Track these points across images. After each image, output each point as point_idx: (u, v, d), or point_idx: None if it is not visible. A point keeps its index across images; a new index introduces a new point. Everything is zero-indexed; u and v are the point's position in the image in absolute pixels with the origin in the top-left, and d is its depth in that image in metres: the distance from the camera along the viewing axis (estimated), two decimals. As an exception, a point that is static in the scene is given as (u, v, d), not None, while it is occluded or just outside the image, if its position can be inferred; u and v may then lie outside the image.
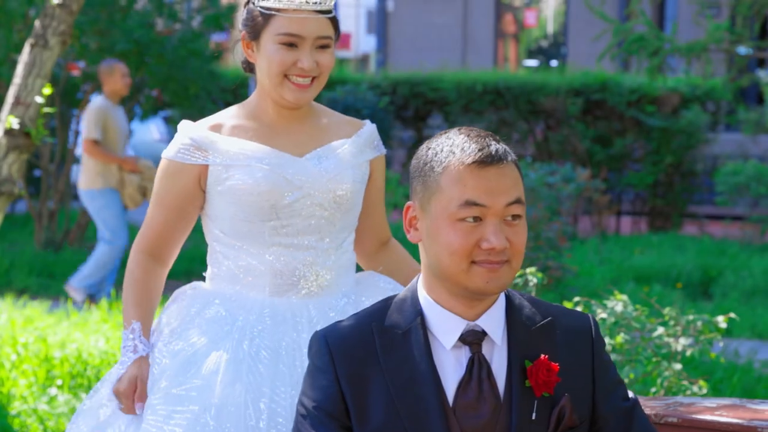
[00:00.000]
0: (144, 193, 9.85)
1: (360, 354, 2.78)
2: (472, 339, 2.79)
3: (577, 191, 12.95)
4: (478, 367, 2.77)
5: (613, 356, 5.22)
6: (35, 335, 7.68)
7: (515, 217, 2.76)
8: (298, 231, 3.40)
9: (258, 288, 3.41)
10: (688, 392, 5.30)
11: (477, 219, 2.73)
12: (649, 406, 3.46)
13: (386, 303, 2.87)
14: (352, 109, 14.64)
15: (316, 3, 3.40)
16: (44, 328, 7.99)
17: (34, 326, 8.11)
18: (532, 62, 26.54)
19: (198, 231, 3.56)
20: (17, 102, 7.33)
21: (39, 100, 7.28)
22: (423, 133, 16.09)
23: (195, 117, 12.86)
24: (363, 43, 36.07)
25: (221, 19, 13.10)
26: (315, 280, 3.43)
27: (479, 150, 2.75)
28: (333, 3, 3.46)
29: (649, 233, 15.09)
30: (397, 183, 13.44)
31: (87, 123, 10.03)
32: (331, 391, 2.76)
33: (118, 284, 9.41)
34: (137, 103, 13.18)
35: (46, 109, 7.47)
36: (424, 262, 2.83)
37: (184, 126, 3.47)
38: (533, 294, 5.51)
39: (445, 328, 2.79)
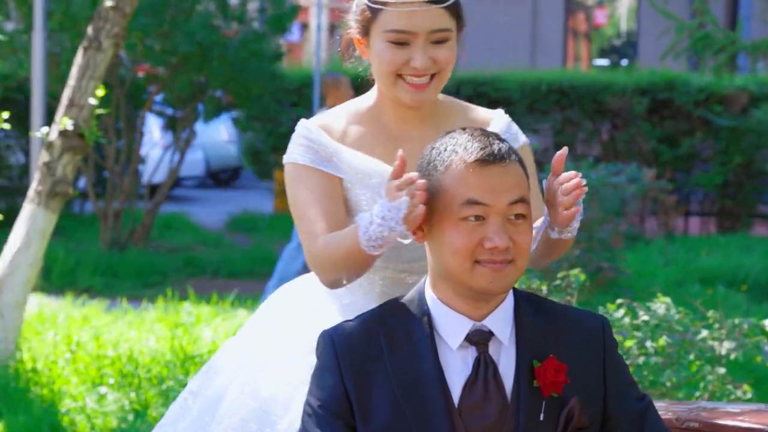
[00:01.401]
0: None
1: (365, 353, 2.76)
2: (478, 339, 2.76)
3: (641, 191, 12.82)
4: (484, 367, 2.75)
5: (654, 359, 5.17)
6: (90, 334, 7.76)
7: (519, 216, 2.73)
8: (413, 258, 3.14)
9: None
10: (732, 397, 5.23)
11: (479, 218, 2.71)
12: (672, 410, 3.41)
13: (394, 303, 2.85)
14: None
15: None
16: (100, 327, 8.07)
17: (90, 325, 8.19)
18: (603, 61, 26.39)
19: (260, 232, 3.38)
20: (71, 104, 7.42)
21: (92, 101, 7.37)
22: (488, 134, 16.01)
23: (259, 118, 13.12)
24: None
25: (284, 21, 13.13)
26: None
27: (481, 149, 2.72)
28: None
29: (717, 234, 14.90)
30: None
31: None
32: (336, 390, 2.74)
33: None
34: (200, 103, 13.26)
35: (99, 111, 7.57)
36: (430, 262, 2.81)
37: (302, 128, 3.18)
38: (576, 295, 5.47)
39: (451, 328, 2.77)
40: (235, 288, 10.56)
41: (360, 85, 3.34)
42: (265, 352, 3.24)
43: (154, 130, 17.39)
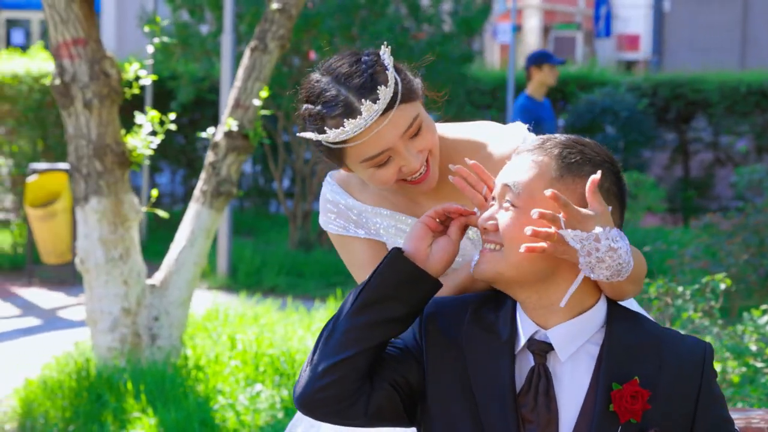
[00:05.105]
0: None
1: (448, 322, 2.72)
2: (536, 348, 2.67)
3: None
4: (536, 378, 2.65)
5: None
6: (255, 332, 7.86)
7: (508, 202, 2.65)
8: None
9: None
10: None
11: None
12: (767, 418, 3.26)
13: (491, 293, 2.78)
14: (609, 111, 14.37)
15: (376, 111, 2.83)
16: (265, 326, 8.16)
17: (258, 323, 8.30)
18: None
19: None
20: (237, 105, 7.54)
21: (257, 102, 7.48)
22: (686, 136, 15.64)
23: (452, 120, 13.19)
24: (651, 44, 35.41)
25: (473, 23, 13.08)
26: None
27: None
28: (393, 84, 2.87)
29: None
30: (654, 186, 13.10)
31: None
32: (409, 335, 2.74)
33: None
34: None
35: (264, 112, 7.68)
36: None
37: (326, 188, 3.13)
38: (719, 301, 5.29)
39: (520, 331, 2.70)
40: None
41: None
42: None
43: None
